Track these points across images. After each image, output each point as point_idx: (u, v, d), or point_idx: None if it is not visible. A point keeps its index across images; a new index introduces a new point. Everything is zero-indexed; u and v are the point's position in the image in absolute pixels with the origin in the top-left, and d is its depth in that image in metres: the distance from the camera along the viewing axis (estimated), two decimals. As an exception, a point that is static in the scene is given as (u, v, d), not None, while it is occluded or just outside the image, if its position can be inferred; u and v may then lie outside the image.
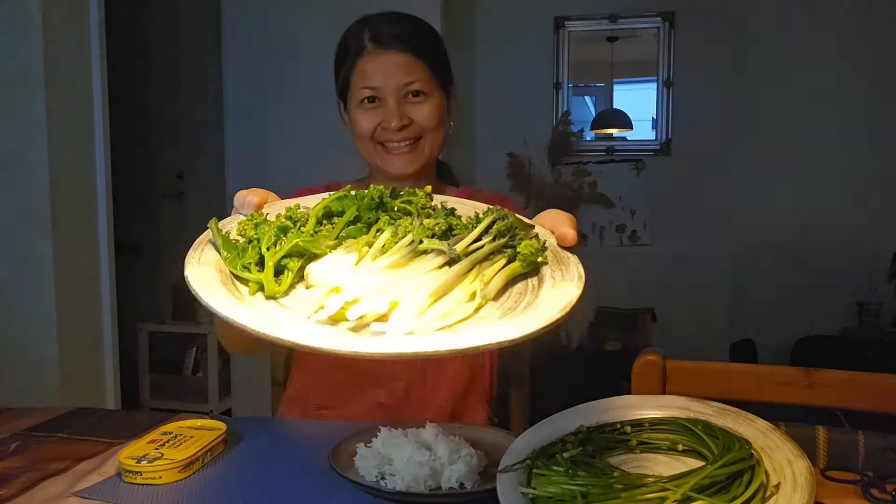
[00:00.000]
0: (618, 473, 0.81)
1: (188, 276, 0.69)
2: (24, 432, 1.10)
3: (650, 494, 0.76)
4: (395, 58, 1.20)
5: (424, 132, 1.23)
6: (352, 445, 0.96)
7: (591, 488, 0.78)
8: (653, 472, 0.84)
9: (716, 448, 0.85)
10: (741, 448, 0.83)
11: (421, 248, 0.72)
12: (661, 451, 0.90)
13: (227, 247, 0.72)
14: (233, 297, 0.67)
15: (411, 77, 1.20)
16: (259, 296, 0.69)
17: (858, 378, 1.18)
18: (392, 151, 1.22)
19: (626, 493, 0.76)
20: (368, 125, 1.22)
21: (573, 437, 0.88)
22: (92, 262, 2.30)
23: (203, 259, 0.72)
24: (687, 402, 0.97)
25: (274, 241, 0.71)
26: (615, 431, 0.92)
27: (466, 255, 0.72)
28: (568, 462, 0.83)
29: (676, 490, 0.76)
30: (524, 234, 0.79)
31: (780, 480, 0.81)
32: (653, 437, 0.91)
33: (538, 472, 0.82)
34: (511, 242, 0.76)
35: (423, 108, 1.22)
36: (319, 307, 0.64)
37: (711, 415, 0.94)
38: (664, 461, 0.89)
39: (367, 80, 1.21)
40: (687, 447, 0.89)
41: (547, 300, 0.70)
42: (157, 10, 4.44)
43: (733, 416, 0.94)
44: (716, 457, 0.83)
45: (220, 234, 0.73)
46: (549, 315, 0.67)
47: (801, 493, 0.79)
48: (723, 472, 0.79)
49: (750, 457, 0.82)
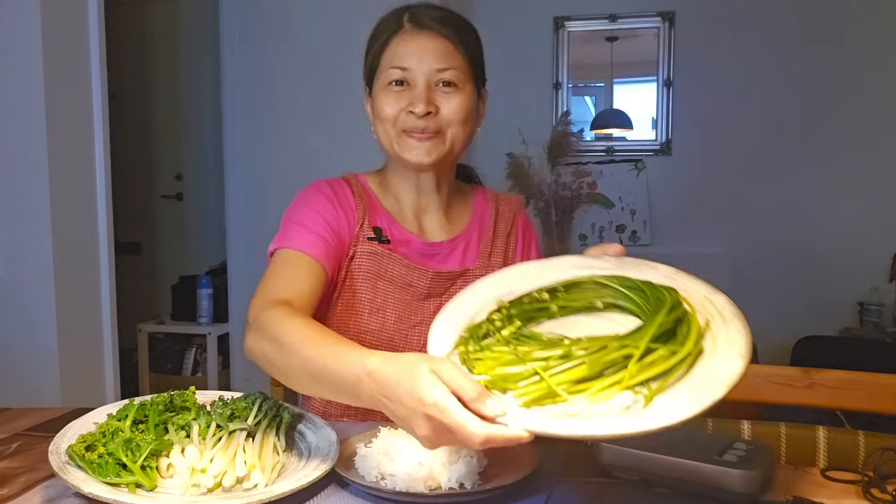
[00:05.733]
0: (568, 341, 0.77)
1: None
2: (24, 432, 1.10)
3: (614, 354, 0.74)
4: (432, 41, 1.14)
5: (449, 125, 1.16)
6: (352, 445, 0.96)
7: (550, 360, 0.74)
8: (587, 333, 0.80)
9: (640, 299, 0.84)
10: (671, 294, 0.82)
11: (231, 429, 0.91)
12: (582, 312, 0.88)
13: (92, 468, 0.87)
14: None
15: (446, 63, 1.14)
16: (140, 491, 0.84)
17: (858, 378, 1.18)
18: (412, 136, 1.15)
19: (590, 358, 0.73)
20: (393, 109, 1.15)
21: (498, 314, 0.84)
22: (92, 262, 2.30)
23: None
24: (581, 259, 0.95)
25: (125, 451, 0.87)
26: (532, 301, 0.88)
27: (257, 426, 0.93)
28: (512, 339, 0.79)
29: (637, 345, 0.74)
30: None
31: (708, 318, 0.81)
32: (570, 300, 0.88)
33: (475, 357, 0.77)
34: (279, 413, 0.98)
35: (452, 99, 1.15)
36: (195, 484, 0.85)
37: (611, 267, 0.92)
38: (590, 321, 0.86)
39: (399, 59, 1.14)
40: (607, 304, 0.87)
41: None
42: (156, 10, 4.44)
43: (634, 265, 0.93)
44: (651, 307, 0.81)
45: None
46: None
47: (734, 323, 0.80)
48: (670, 320, 0.78)
49: (680, 302, 0.81)
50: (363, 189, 1.25)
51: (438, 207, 1.27)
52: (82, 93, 2.25)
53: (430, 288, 1.22)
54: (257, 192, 3.39)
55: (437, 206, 1.26)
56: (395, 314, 1.21)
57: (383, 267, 1.20)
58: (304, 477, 0.86)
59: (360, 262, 1.20)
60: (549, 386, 0.72)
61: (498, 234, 1.30)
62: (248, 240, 3.44)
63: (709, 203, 3.91)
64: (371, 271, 1.20)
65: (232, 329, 3.65)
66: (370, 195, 1.25)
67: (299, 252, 1.12)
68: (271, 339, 0.93)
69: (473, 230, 1.29)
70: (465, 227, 1.29)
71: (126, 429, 0.92)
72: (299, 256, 1.12)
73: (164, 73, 4.47)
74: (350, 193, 1.22)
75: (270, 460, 0.90)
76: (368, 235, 1.20)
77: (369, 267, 1.20)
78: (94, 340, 2.31)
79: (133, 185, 4.36)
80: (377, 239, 1.20)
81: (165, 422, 0.95)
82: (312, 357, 0.85)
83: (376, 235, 1.20)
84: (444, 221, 1.27)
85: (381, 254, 1.20)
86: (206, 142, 4.35)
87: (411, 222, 1.25)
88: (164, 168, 4.54)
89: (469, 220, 1.30)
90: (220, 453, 0.88)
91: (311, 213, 1.17)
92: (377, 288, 1.20)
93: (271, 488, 0.85)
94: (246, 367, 3.53)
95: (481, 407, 0.70)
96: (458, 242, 1.27)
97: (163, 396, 1.00)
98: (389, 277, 1.20)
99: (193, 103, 4.40)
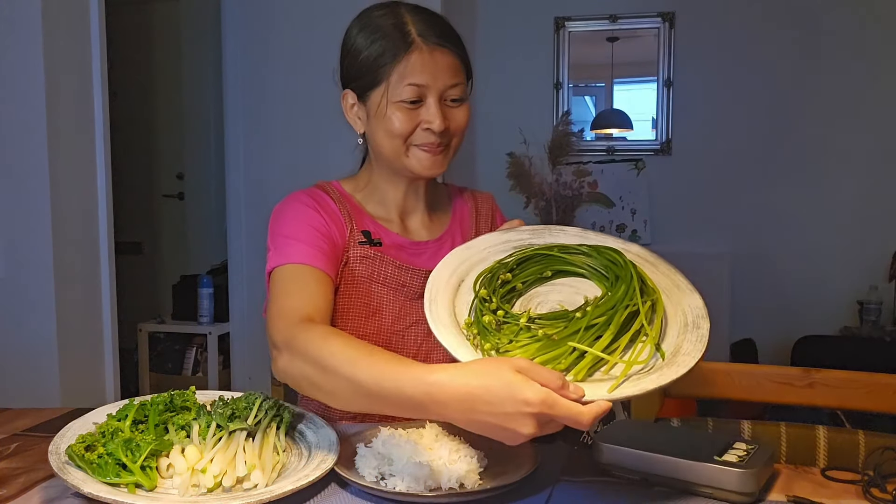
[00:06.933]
0: (579, 312, 0.86)
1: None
2: (24, 432, 1.10)
3: (623, 314, 0.83)
4: (444, 57, 1.15)
5: (454, 136, 1.19)
6: (352, 445, 0.96)
7: (581, 333, 0.82)
8: (559, 301, 0.92)
9: (589, 261, 0.95)
10: (619, 254, 0.94)
11: (231, 429, 0.91)
12: (537, 283, 0.97)
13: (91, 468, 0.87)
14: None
15: (456, 79, 1.16)
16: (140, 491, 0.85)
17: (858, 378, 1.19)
18: (424, 149, 1.17)
19: (612, 323, 0.82)
20: (407, 126, 1.15)
21: (490, 305, 0.91)
22: (92, 262, 2.30)
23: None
24: (500, 235, 1.06)
25: (125, 451, 0.87)
26: (502, 283, 0.95)
27: (257, 426, 0.93)
28: (533, 325, 0.86)
29: (634, 301, 0.85)
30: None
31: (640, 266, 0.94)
32: (526, 275, 0.97)
33: (504, 350, 0.83)
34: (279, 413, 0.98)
35: (459, 112, 1.17)
36: (193, 484, 0.85)
37: (529, 237, 1.03)
38: (550, 290, 0.96)
39: (416, 77, 1.13)
40: (553, 271, 0.97)
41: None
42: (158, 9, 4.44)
43: (548, 232, 1.04)
44: (604, 267, 0.93)
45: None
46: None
47: (660, 265, 0.95)
48: (638, 274, 0.89)
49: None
50: (341, 195, 1.25)
51: (422, 208, 1.29)
52: (83, 91, 2.25)
53: (422, 287, 1.22)
54: (259, 192, 3.39)
55: (420, 207, 1.28)
56: (391, 316, 1.21)
57: (376, 270, 1.20)
58: (304, 477, 0.86)
59: (353, 267, 1.20)
60: (593, 357, 0.80)
61: (480, 232, 1.32)
62: (249, 239, 3.44)
63: (709, 203, 3.91)
64: (365, 275, 1.20)
65: (232, 329, 3.64)
66: (350, 200, 1.25)
67: (304, 266, 1.12)
68: (313, 362, 0.92)
69: (456, 229, 1.31)
70: (448, 226, 1.31)
71: (126, 429, 0.92)
72: (305, 270, 1.11)
73: (165, 72, 4.47)
74: (330, 200, 1.22)
75: (270, 460, 0.90)
76: (359, 240, 1.20)
77: (363, 271, 1.20)
78: (94, 340, 2.31)
79: (134, 185, 4.36)
80: (368, 242, 1.20)
81: (165, 422, 0.96)
82: (365, 379, 0.84)
83: (367, 239, 1.21)
84: (427, 221, 1.29)
85: (373, 257, 1.20)
86: (208, 141, 4.35)
87: (396, 224, 1.26)
88: (166, 167, 4.54)
89: (450, 219, 1.32)
90: (220, 453, 0.88)
91: (300, 225, 1.16)
92: (372, 291, 1.20)
93: (271, 488, 0.85)
94: (246, 367, 3.53)
95: (567, 393, 0.75)
96: (443, 241, 1.28)
97: (163, 396, 1.00)
98: (383, 280, 1.21)
99: (195, 102, 4.40)
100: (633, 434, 0.98)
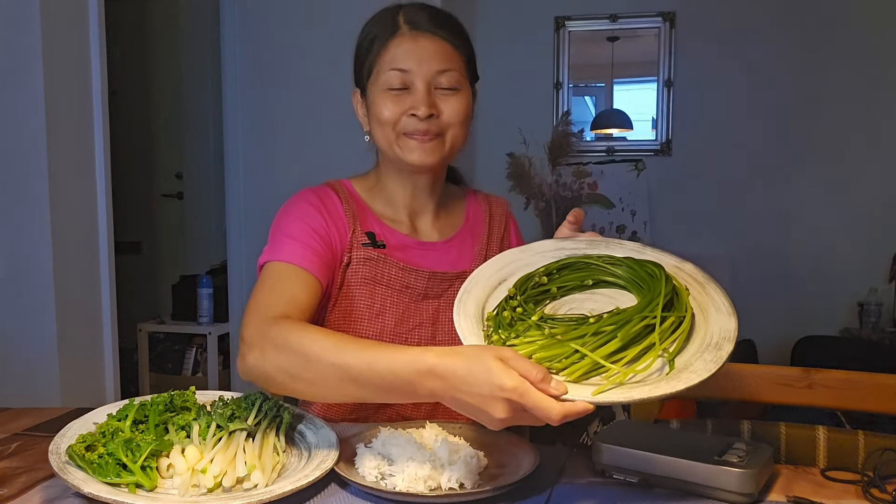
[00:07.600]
0: (593, 318, 0.86)
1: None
2: (24, 432, 1.10)
3: (637, 326, 0.83)
4: (432, 43, 1.13)
5: (449, 127, 1.16)
6: (352, 445, 0.96)
7: (587, 338, 0.82)
8: (589, 309, 0.91)
9: (627, 274, 0.95)
10: (658, 268, 0.93)
11: (231, 429, 0.92)
12: (576, 290, 0.97)
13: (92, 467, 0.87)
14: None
15: (446, 65, 1.14)
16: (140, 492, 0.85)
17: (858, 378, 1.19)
18: (414, 137, 1.15)
19: (621, 333, 0.82)
20: (393, 113, 1.14)
21: (513, 301, 0.92)
22: (92, 262, 2.30)
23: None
24: (556, 243, 1.05)
25: (125, 451, 0.87)
26: (536, 285, 0.96)
27: (257, 426, 0.94)
28: (541, 323, 0.87)
29: (654, 315, 0.84)
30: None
31: (686, 284, 0.93)
32: (565, 281, 0.97)
33: (510, 343, 0.84)
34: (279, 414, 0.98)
35: (452, 101, 1.15)
36: (193, 485, 0.85)
37: (585, 247, 1.03)
38: (585, 298, 0.96)
39: (399, 62, 1.13)
40: (594, 280, 0.97)
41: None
42: (156, 9, 4.44)
43: (604, 244, 1.03)
44: (642, 280, 0.92)
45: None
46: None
47: (709, 285, 0.94)
48: (669, 290, 0.89)
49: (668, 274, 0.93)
50: (350, 194, 1.24)
51: (432, 209, 1.27)
52: (82, 89, 2.25)
53: (427, 289, 1.21)
54: (258, 191, 3.39)
55: (430, 207, 1.27)
56: (395, 318, 1.20)
57: (380, 271, 1.19)
58: (304, 477, 0.86)
59: (356, 269, 1.19)
60: (592, 361, 0.80)
61: (492, 237, 1.31)
62: (248, 239, 3.44)
63: (709, 203, 3.91)
64: (368, 277, 1.19)
65: (232, 329, 3.65)
66: (358, 200, 1.24)
67: (291, 265, 1.11)
68: (293, 352, 0.92)
69: (467, 232, 1.30)
70: (459, 229, 1.30)
71: (126, 429, 0.92)
72: (292, 269, 1.11)
73: (164, 70, 4.47)
74: (337, 200, 1.21)
75: (270, 460, 0.90)
76: (363, 241, 1.19)
77: (366, 273, 1.19)
78: (94, 340, 2.31)
79: (133, 184, 4.35)
80: (372, 244, 1.20)
81: (165, 422, 0.96)
82: (356, 363, 0.86)
83: (371, 241, 1.20)
84: (437, 222, 1.28)
85: (376, 259, 1.19)
86: (207, 140, 4.35)
87: (405, 224, 1.25)
88: (165, 167, 4.54)
89: (462, 222, 1.31)
90: (220, 453, 0.88)
91: (300, 224, 1.16)
92: (375, 293, 1.19)
93: (271, 488, 0.85)
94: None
95: (546, 387, 0.76)
96: (452, 243, 1.27)
97: (163, 396, 1.00)
98: (386, 281, 1.20)
99: (194, 101, 4.40)
100: (633, 435, 0.98)
